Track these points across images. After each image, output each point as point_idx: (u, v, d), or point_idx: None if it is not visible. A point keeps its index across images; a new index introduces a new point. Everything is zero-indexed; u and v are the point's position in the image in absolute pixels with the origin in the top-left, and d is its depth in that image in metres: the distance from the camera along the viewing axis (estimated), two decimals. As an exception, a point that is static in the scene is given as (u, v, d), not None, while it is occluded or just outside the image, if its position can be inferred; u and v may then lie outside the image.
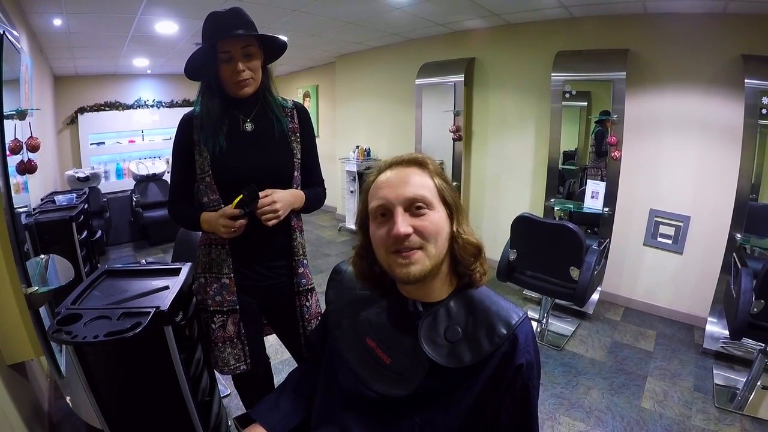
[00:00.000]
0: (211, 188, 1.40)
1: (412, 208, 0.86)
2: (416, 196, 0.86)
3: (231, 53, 1.31)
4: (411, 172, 0.89)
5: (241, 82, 1.34)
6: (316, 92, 7.18)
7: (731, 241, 2.93)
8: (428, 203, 0.86)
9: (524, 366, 0.83)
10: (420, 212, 0.86)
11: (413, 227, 0.84)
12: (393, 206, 0.86)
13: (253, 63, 1.35)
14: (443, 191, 0.89)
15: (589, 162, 3.70)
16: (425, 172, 0.90)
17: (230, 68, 1.32)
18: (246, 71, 1.33)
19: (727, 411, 2.35)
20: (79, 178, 5.17)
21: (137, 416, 1.38)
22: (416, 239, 0.85)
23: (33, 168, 2.12)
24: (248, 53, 1.33)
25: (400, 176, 0.89)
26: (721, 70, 3.02)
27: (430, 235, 0.85)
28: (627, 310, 3.62)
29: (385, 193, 0.88)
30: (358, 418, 0.95)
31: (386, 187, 0.88)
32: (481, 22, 4.07)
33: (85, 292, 1.38)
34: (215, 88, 1.37)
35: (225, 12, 1.31)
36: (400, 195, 0.86)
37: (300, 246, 1.54)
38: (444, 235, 0.87)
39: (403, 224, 0.84)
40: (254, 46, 1.35)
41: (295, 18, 3.81)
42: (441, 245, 0.87)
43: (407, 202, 0.86)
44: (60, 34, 3.86)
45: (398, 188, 0.87)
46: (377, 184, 0.91)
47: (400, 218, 0.84)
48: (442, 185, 0.90)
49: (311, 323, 1.57)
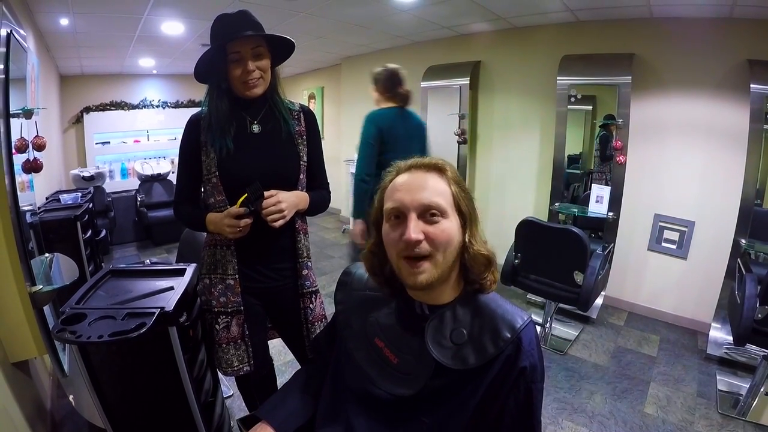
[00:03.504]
0: (217, 189, 1.40)
1: (426, 215, 0.86)
2: (431, 203, 0.85)
3: (241, 53, 1.32)
4: (429, 177, 0.89)
5: (251, 82, 1.34)
6: (322, 94, 7.19)
7: (736, 247, 2.92)
8: (442, 211, 0.86)
9: (528, 369, 0.83)
10: (433, 219, 0.86)
11: (425, 234, 0.84)
12: (407, 210, 0.86)
13: (263, 63, 1.36)
14: (459, 200, 0.89)
15: (594, 166, 3.69)
16: (443, 178, 0.90)
17: (240, 68, 1.33)
18: (256, 71, 1.34)
19: (730, 417, 2.34)
20: (84, 177, 5.19)
21: (140, 416, 1.39)
22: (426, 246, 0.85)
23: (39, 167, 2.13)
24: (258, 53, 1.34)
25: (417, 180, 0.89)
26: (727, 75, 3.01)
27: (440, 244, 0.85)
28: (631, 315, 3.61)
29: (401, 196, 0.88)
30: (365, 417, 0.96)
31: (403, 190, 0.88)
32: (487, 26, 4.07)
33: (90, 292, 1.39)
34: (224, 89, 1.38)
35: (233, 14, 1.32)
36: (415, 200, 0.86)
37: (304, 248, 1.54)
38: (454, 245, 0.87)
39: (415, 230, 0.84)
40: (263, 46, 1.36)
41: (301, 20, 3.81)
42: (450, 254, 0.87)
43: (421, 208, 0.86)
44: (67, 33, 3.89)
45: (414, 193, 0.87)
46: (394, 185, 0.91)
47: (412, 224, 0.85)
48: (458, 193, 0.89)
49: (315, 325, 1.57)
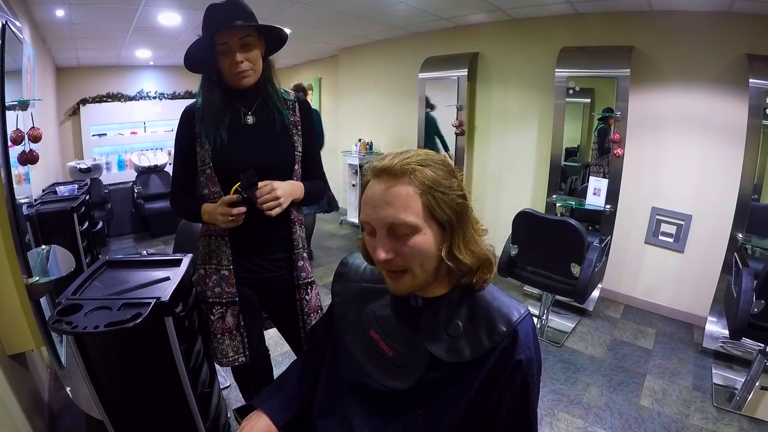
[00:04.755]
0: (211, 180, 1.40)
1: (396, 231, 0.82)
2: (395, 221, 0.80)
3: (229, 44, 1.30)
4: (397, 190, 0.80)
5: (241, 74, 1.33)
6: (319, 85, 7.16)
7: (732, 241, 2.93)
8: (412, 227, 0.80)
9: (524, 362, 0.83)
10: (403, 236, 0.81)
11: (395, 251, 0.82)
12: (376, 226, 0.83)
13: (252, 53, 1.34)
14: (434, 209, 0.81)
15: (592, 159, 3.68)
16: (412, 187, 0.80)
17: (228, 60, 1.31)
18: (245, 62, 1.32)
19: (725, 411, 2.35)
20: (81, 169, 5.17)
21: (137, 407, 1.39)
22: (399, 261, 0.82)
23: (35, 158, 2.12)
24: (246, 43, 1.31)
25: (383, 195, 0.81)
26: (726, 70, 3.01)
27: (412, 259, 0.82)
28: (627, 308, 3.62)
29: (368, 212, 0.84)
30: (361, 409, 0.96)
31: (369, 205, 0.84)
32: (486, 17, 4.05)
33: (86, 283, 1.38)
34: (215, 80, 1.37)
35: (223, 3, 1.29)
36: (379, 219, 0.82)
37: (299, 239, 1.53)
38: (431, 256, 0.83)
39: (384, 248, 0.82)
40: (253, 36, 1.33)
41: (298, 10, 3.78)
42: (428, 264, 0.83)
43: (387, 226, 0.82)
44: (62, 24, 3.85)
45: (379, 210, 0.82)
46: (365, 197, 0.86)
47: (381, 242, 0.82)
48: (432, 202, 0.80)
49: (311, 317, 1.58)
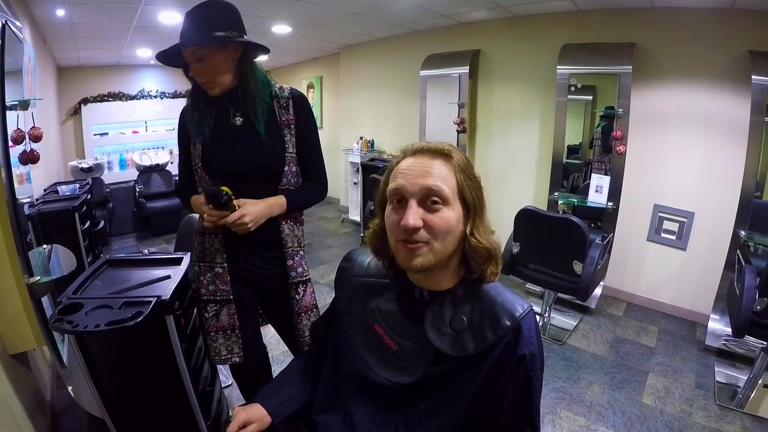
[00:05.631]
0: (203, 179, 1.42)
1: (427, 201, 0.84)
2: (434, 187, 0.83)
3: (187, 57, 1.32)
4: (434, 163, 0.85)
5: (203, 84, 1.34)
6: (320, 83, 7.15)
7: (735, 239, 2.92)
8: (444, 198, 0.83)
9: (527, 357, 0.84)
10: (434, 207, 0.83)
11: (424, 221, 0.83)
12: (408, 195, 0.84)
13: (208, 65, 1.31)
14: (464, 188, 0.86)
15: (594, 156, 3.67)
16: (449, 164, 0.86)
17: (192, 71, 1.33)
18: (200, 74, 1.32)
19: (728, 408, 2.35)
20: (83, 168, 5.18)
21: (138, 406, 1.39)
22: (424, 234, 0.83)
23: (35, 158, 2.12)
24: (200, 57, 1.30)
25: (422, 165, 0.85)
26: (728, 66, 2.99)
27: (438, 232, 0.83)
28: (629, 306, 3.62)
29: (403, 179, 0.85)
30: (363, 404, 0.96)
31: (406, 173, 0.86)
32: (487, 14, 4.03)
33: (87, 282, 1.38)
34: (195, 85, 1.39)
35: (187, 13, 1.31)
36: (416, 184, 0.84)
37: (288, 238, 1.50)
38: (454, 234, 0.85)
39: (414, 216, 0.82)
40: (204, 48, 1.30)
41: (299, 8, 3.78)
42: (449, 243, 0.85)
43: (422, 192, 0.83)
44: (63, 24, 3.85)
45: (417, 178, 0.84)
46: (399, 168, 0.88)
47: (412, 210, 0.83)
48: (464, 181, 0.86)
49: (302, 316, 1.55)
